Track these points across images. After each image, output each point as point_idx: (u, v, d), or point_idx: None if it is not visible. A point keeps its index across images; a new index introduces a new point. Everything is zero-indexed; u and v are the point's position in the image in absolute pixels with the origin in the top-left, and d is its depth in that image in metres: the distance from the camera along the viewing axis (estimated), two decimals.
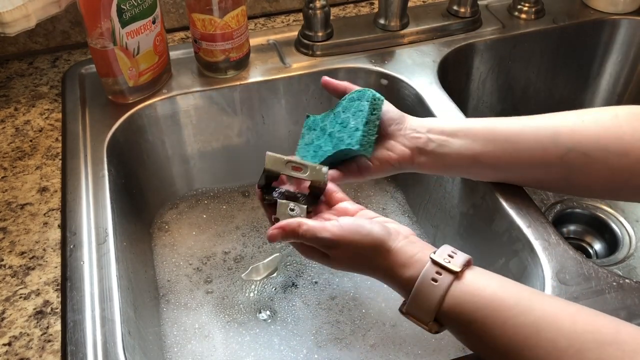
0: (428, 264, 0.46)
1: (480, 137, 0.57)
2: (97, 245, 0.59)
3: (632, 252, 0.82)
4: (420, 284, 0.45)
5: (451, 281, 0.45)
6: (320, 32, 0.82)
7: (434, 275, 0.45)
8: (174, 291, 0.75)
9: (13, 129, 0.74)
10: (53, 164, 0.68)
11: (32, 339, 0.52)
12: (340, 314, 0.72)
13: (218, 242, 0.81)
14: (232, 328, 0.71)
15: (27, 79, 0.82)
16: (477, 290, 0.44)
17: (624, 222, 0.86)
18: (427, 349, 0.68)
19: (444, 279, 0.45)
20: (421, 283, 0.45)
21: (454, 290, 0.45)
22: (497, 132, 0.57)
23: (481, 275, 0.46)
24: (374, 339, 0.69)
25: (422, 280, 0.45)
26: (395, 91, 0.81)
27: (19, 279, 0.57)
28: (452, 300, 0.44)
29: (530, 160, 0.56)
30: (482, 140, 0.56)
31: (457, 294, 0.44)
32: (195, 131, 0.82)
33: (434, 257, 0.46)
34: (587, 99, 1.00)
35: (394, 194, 0.88)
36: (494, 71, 0.91)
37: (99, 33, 0.67)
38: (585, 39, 0.93)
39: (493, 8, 0.92)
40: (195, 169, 0.86)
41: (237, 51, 0.77)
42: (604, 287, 0.53)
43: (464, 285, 0.45)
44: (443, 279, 0.45)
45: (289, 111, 0.84)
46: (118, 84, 0.73)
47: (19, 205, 0.64)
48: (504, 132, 0.56)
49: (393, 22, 0.85)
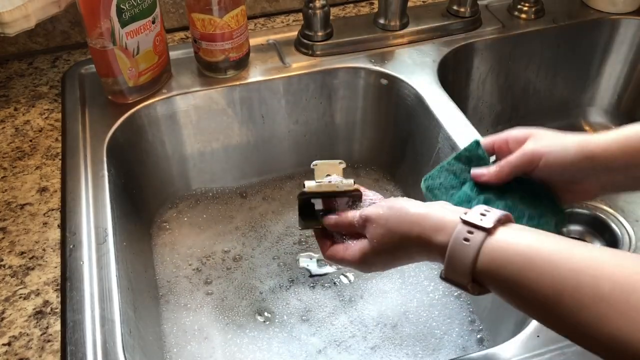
0: (459, 225, 0.44)
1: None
2: (97, 245, 0.59)
3: (632, 252, 0.82)
4: (453, 245, 0.44)
5: (483, 238, 0.42)
6: (320, 32, 0.82)
7: (466, 235, 0.43)
8: (173, 291, 0.75)
9: (13, 129, 0.74)
10: (53, 164, 0.68)
11: (31, 339, 0.52)
12: (339, 315, 0.72)
13: (217, 242, 0.81)
14: (231, 330, 0.71)
15: (27, 79, 0.82)
16: (511, 244, 0.42)
17: (624, 222, 0.86)
18: (427, 349, 0.68)
19: (475, 237, 0.43)
20: (453, 245, 0.44)
21: (487, 247, 0.42)
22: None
23: (516, 229, 0.44)
24: (374, 340, 0.69)
25: (454, 241, 0.43)
26: (395, 91, 0.81)
27: (18, 279, 0.57)
28: (486, 257, 0.42)
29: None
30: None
31: (491, 251, 0.42)
32: (195, 131, 0.82)
33: (464, 217, 0.44)
34: (587, 99, 1.00)
35: (394, 193, 0.88)
36: (494, 71, 0.91)
37: (99, 33, 0.67)
38: (585, 39, 0.93)
39: (493, 8, 0.92)
40: (195, 169, 0.86)
41: (237, 51, 0.77)
42: None
43: (497, 241, 0.42)
44: (475, 237, 0.43)
45: (289, 111, 0.84)
46: (118, 84, 0.73)
47: (19, 205, 0.64)
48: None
49: (393, 21, 0.85)
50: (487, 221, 0.43)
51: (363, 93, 0.85)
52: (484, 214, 0.44)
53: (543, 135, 0.54)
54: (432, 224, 0.46)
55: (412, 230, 0.47)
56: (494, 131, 0.97)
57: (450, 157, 0.58)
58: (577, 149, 0.52)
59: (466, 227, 0.44)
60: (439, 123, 0.73)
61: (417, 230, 0.46)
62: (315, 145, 0.89)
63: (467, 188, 0.56)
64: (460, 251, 0.43)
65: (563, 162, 0.52)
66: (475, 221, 0.43)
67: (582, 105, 1.01)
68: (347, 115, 0.88)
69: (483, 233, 0.43)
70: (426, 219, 0.46)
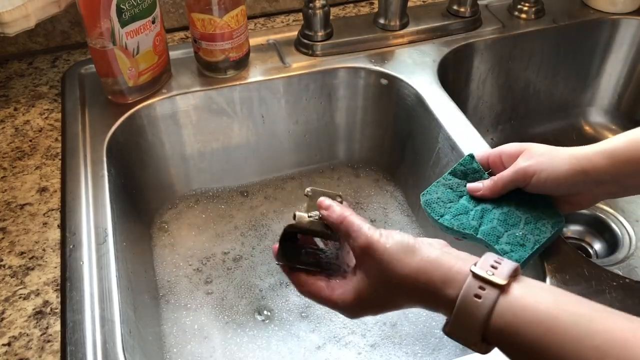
0: (469, 278, 0.41)
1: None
2: (97, 245, 0.59)
3: (632, 252, 0.82)
4: (462, 301, 0.40)
5: (497, 297, 0.40)
6: (320, 31, 0.82)
7: (477, 291, 0.40)
8: (173, 292, 0.75)
9: (13, 129, 0.74)
10: (53, 164, 0.68)
11: (31, 339, 0.52)
12: (338, 313, 0.72)
13: (217, 242, 0.81)
14: (231, 329, 0.71)
15: (27, 79, 0.82)
16: (528, 307, 0.39)
17: (624, 222, 0.86)
18: (426, 348, 0.68)
19: (488, 294, 0.40)
20: (463, 301, 0.40)
21: (501, 307, 0.39)
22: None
23: (531, 288, 0.41)
24: (373, 338, 0.69)
25: (464, 297, 0.40)
26: (395, 91, 0.81)
27: (18, 279, 0.57)
28: (500, 318, 0.39)
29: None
30: None
31: (505, 312, 0.39)
32: (194, 131, 0.82)
33: (475, 270, 0.41)
34: (587, 99, 1.00)
35: (393, 193, 0.88)
36: (494, 71, 0.91)
37: (99, 33, 0.67)
38: (585, 39, 0.93)
39: (493, 8, 0.92)
40: (195, 169, 0.86)
41: (237, 51, 0.77)
42: (604, 287, 0.53)
43: (512, 301, 0.40)
44: (487, 294, 0.40)
45: (289, 111, 0.84)
46: (118, 84, 0.73)
47: (19, 206, 0.64)
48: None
49: (393, 21, 0.85)
50: (500, 276, 0.40)
51: (363, 93, 0.85)
52: (494, 266, 0.41)
53: (535, 151, 0.54)
54: (441, 274, 0.42)
55: (419, 278, 0.43)
56: (494, 131, 0.98)
57: (446, 172, 0.60)
58: (569, 165, 0.52)
59: (477, 281, 0.41)
60: (439, 123, 0.73)
61: (424, 279, 0.43)
62: (315, 145, 0.89)
63: (465, 200, 0.57)
64: (471, 308, 0.40)
65: (556, 178, 0.52)
66: (487, 276, 0.40)
67: (582, 105, 1.01)
68: (347, 115, 0.88)
69: (496, 290, 0.40)
70: (435, 267, 0.43)
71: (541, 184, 0.53)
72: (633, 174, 0.51)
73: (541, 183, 0.53)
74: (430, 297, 0.43)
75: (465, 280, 0.41)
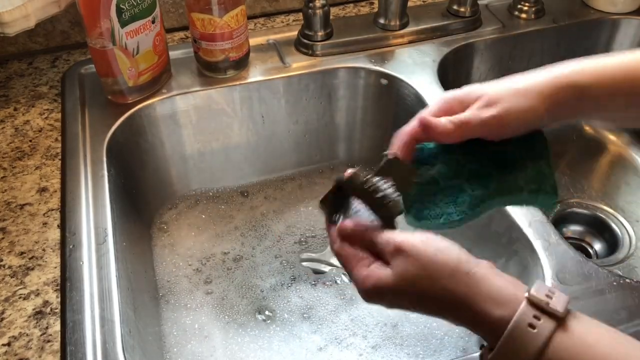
0: (523, 304, 0.37)
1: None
2: (97, 245, 0.59)
3: (632, 252, 0.82)
4: (514, 329, 0.37)
5: (553, 329, 0.36)
6: (320, 31, 0.82)
7: (532, 320, 0.37)
8: (173, 291, 0.75)
9: (12, 129, 0.74)
10: (52, 164, 0.68)
11: (31, 339, 0.52)
12: (340, 313, 0.72)
13: (217, 242, 0.81)
14: (232, 329, 0.71)
15: (27, 79, 0.82)
16: (586, 347, 0.36)
17: (624, 222, 0.86)
18: (428, 349, 0.68)
19: (544, 325, 0.36)
20: (515, 328, 0.37)
21: (558, 342, 0.36)
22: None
23: (588, 326, 0.38)
24: (375, 339, 0.69)
25: (517, 324, 0.37)
26: (395, 91, 0.81)
27: (18, 279, 0.56)
28: (555, 355, 0.36)
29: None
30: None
31: (561, 348, 0.36)
32: (194, 131, 0.82)
33: (532, 296, 0.37)
34: None
35: None
36: (494, 71, 0.91)
37: (99, 33, 0.67)
38: (585, 39, 0.93)
39: (493, 8, 0.92)
40: (195, 169, 0.86)
41: (237, 51, 0.77)
42: (604, 287, 0.53)
43: (570, 337, 0.36)
44: (543, 325, 0.36)
45: (289, 111, 0.84)
46: (117, 84, 0.73)
47: (19, 206, 0.64)
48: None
49: (393, 21, 0.85)
50: (557, 306, 0.37)
51: (363, 93, 0.85)
52: (549, 296, 0.38)
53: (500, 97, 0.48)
54: (489, 292, 0.39)
55: (458, 289, 0.39)
56: None
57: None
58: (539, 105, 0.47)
59: (533, 309, 0.37)
60: None
61: (464, 291, 0.39)
62: (315, 145, 0.89)
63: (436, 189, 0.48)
64: (524, 338, 0.36)
65: (533, 123, 0.48)
66: (544, 304, 0.37)
67: None
68: (347, 115, 0.88)
69: (553, 322, 0.37)
70: (482, 283, 0.39)
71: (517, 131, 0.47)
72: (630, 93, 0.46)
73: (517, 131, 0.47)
74: (473, 314, 0.39)
75: (520, 305, 0.37)
